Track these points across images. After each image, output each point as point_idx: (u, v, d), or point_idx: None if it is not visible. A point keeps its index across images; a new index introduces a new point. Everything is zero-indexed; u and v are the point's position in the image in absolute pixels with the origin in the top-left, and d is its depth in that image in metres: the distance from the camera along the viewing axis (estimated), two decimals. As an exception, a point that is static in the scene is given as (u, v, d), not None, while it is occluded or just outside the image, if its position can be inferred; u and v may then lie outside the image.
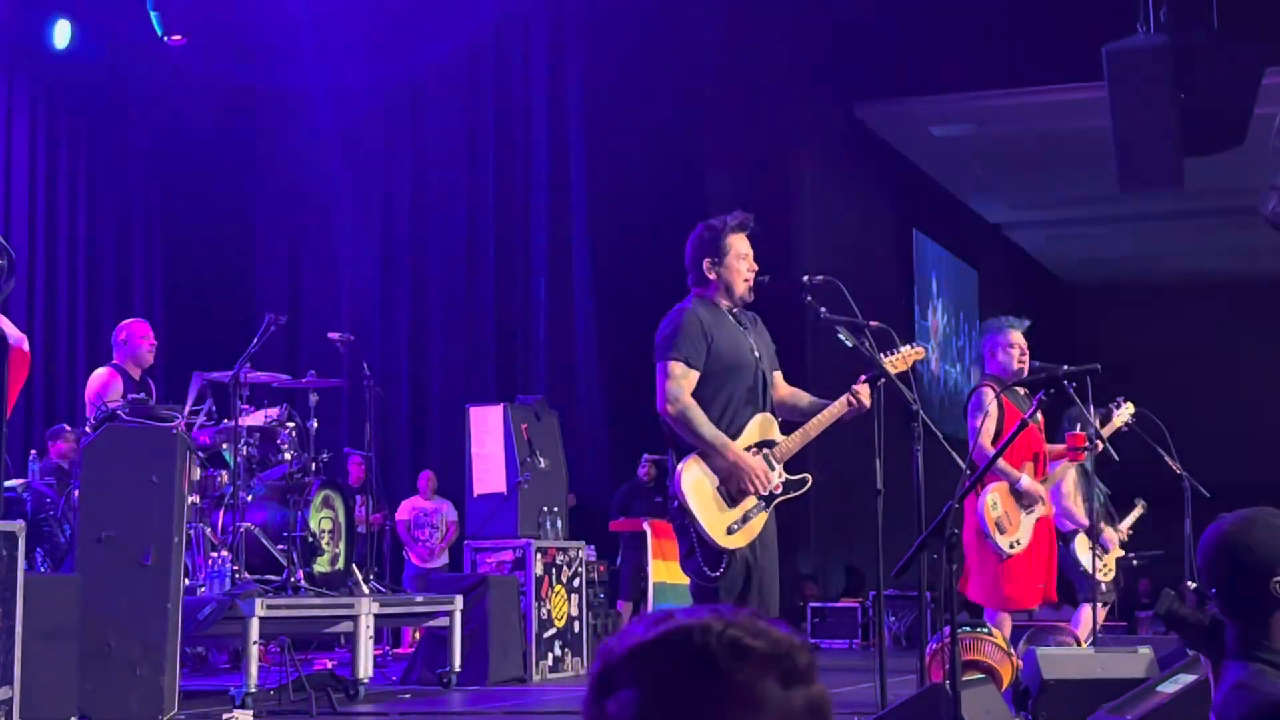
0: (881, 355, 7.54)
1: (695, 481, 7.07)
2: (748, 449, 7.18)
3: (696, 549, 7.09)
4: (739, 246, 7.44)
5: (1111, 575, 12.88)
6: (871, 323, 7.60)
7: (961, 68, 18.75)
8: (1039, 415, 9.59)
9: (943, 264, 26.09)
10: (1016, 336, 10.00)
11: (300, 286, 19.35)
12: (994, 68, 18.58)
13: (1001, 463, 9.45)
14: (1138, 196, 19.79)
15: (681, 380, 7.13)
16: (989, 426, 9.66)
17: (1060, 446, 10.06)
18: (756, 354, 7.40)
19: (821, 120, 20.23)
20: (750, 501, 7.14)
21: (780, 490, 7.26)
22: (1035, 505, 9.83)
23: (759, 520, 7.18)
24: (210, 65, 18.20)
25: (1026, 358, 9.94)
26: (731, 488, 7.10)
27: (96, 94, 17.64)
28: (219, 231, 18.94)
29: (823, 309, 7.62)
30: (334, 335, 13.05)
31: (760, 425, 7.30)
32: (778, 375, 7.57)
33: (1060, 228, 27.85)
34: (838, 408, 7.40)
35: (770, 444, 7.30)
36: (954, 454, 8.65)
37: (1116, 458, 9.83)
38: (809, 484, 7.48)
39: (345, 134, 19.30)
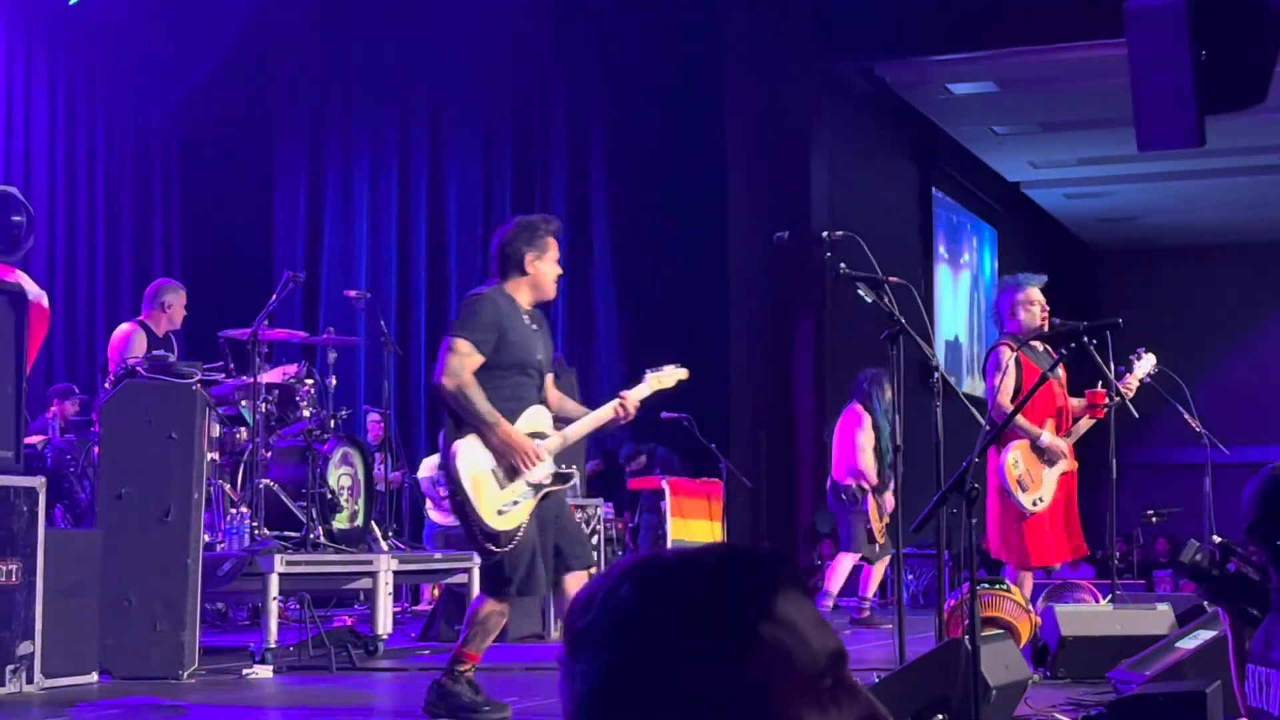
0: (648, 371, 7.90)
1: (472, 460, 7.31)
2: None
3: (467, 524, 7.37)
4: (555, 249, 7.67)
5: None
6: (891, 278, 7.61)
7: (982, 25, 18.66)
8: (1060, 371, 9.57)
9: (962, 222, 26.02)
10: (1035, 293, 9.97)
11: (319, 244, 19.34)
12: (1014, 25, 18.49)
13: (1021, 419, 9.45)
14: (1158, 155, 19.72)
15: (465, 358, 7.32)
16: (1007, 384, 9.65)
17: (1081, 402, 10.04)
18: (540, 355, 7.62)
19: (840, 78, 20.15)
20: (521, 487, 7.35)
21: (549, 482, 7.49)
22: (1057, 461, 9.82)
23: (526, 507, 7.40)
24: (230, 20, 18.17)
25: (1047, 313, 9.91)
26: (504, 466, 7.28)
27: (115, 48, 17.61)
28: (238, 188, 18.93)
29: (842, 265, 7.63)
30: (352, 293, 13.06)
31: (534, 417, 7.54)
32: (549, 379, 7.81)
33: (1080, 186, 27.74)
34: (606, 412, 7.71)
35: (542, 436, 7.52)
36: (973, 410, 8.65)
37: (1136, 414, 9.81)
38: (573, 479, 7.87)
39: (363, 90, 19.27)
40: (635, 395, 7.73)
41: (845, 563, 13.75)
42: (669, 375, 7.94)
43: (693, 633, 1.59)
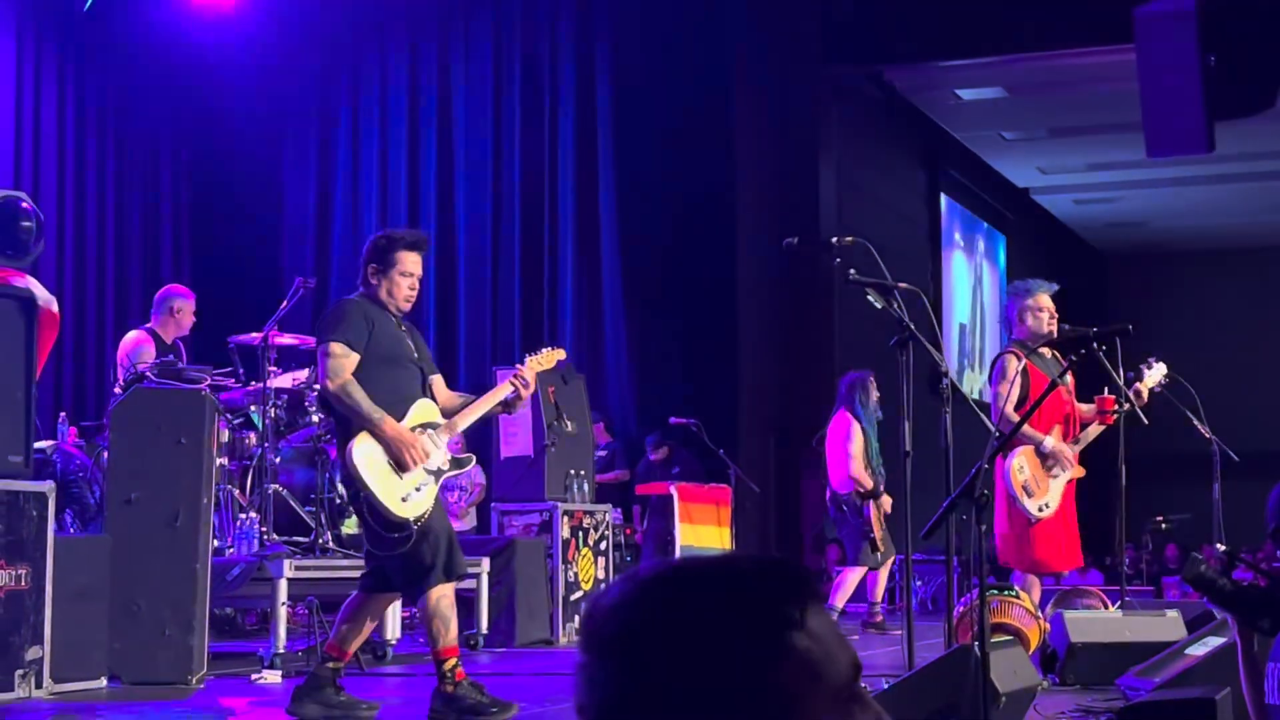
0: (528, 355, 8.10)
1: (367, 454, 7.47)
2: (413, 429, 7.59)
3: (369, 519, 7.49)
4: (407, 263, 7.78)
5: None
6: (900, 284, 7.60)
7: (990, 31, 18.66)
8: (1069, 377, 9.57)
9: (970, 228, 26.02)
10: (1044, 299, 9.96)
11: (328, 249, 19.34)
12: (1023, 31, 18.49)
13: (1025, 426, 9.44)
14: (1167, 160, 19.71)
15: (343, 360, 7.52)
16: (1013, 393, 9.63)
17: (1091, 408, 10.03)
18: (415, 355, 7.82)
19: (849, 84, 20.16)
20: (420, 475, 7.55)
21: (447, 466, 7.73)
22: (1063, 467, 9.80)
23: (430, 492, 7.62)
24: (240, 28, 18.20)
25: (1055, 320, 9.90)
26: (395, 460, 7.46)
27: (125, 55, 17.63)
28: (247, 193, 18.95)
29: (851, 270, 7.63)
30: (361, 298, 13.03)
31: (420, 410, 7.72)
32: (438, 379, 8.03)
33: (1089, 191, 27.74)
34: (501, 389, 7.89)
35: (433, 425, 7.71)
36: (982, 416, 8.64)
37: (1146, 421, 9.80)
38: (472, 462, 8.31)
39: (372, 97, 19.29)
40: (528, 368, 7.99)
41: (852, 577, 13.72)
42: (547, 356, 8.15)
43: (724, 641, 1.59)
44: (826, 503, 14.10)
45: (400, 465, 7.46)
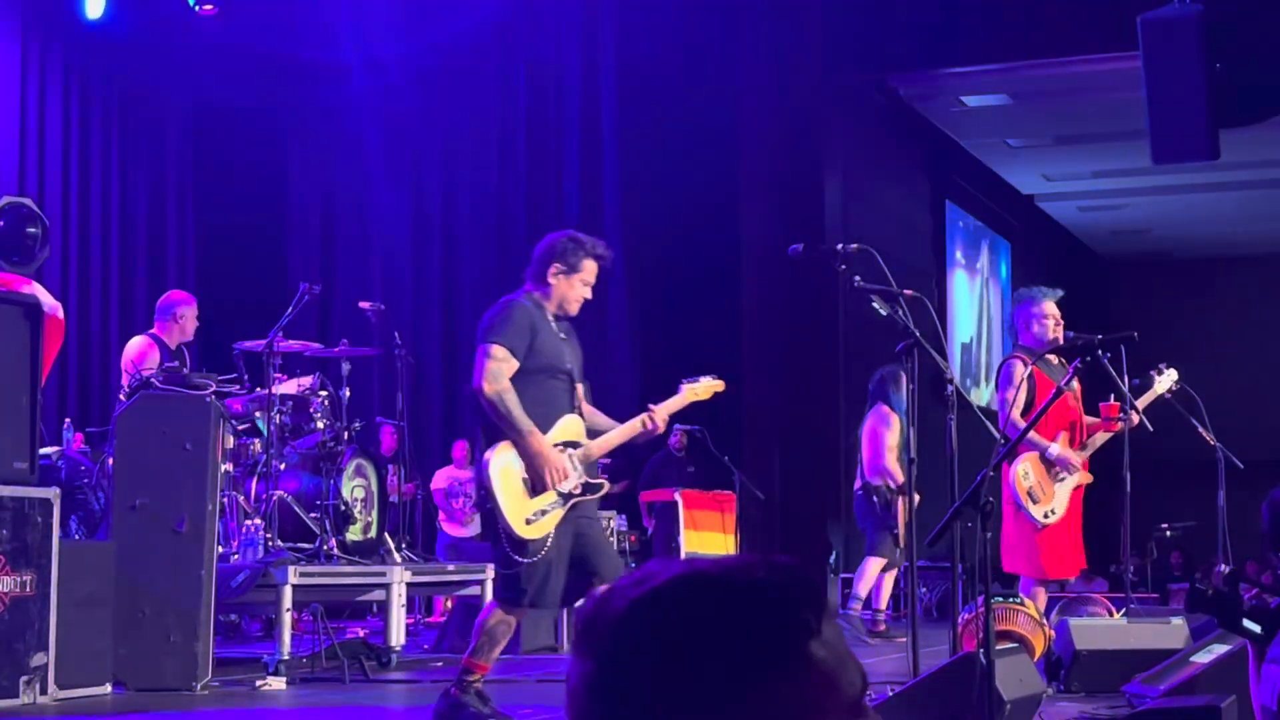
0: (683, 382, 8.02)
1: (504, 468, 7.34)
2: (555, 445, 7.45)
3: (503, 538, 7.36)
4: (589, 272, 7.74)
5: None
6: (906, 291, 7.61)
7: (995, 38, 18.66)
8: (1075, 384, 9.58)
9: (975, 235, 26.02)
10: (1050, 306, 9.98)
11: (332, 256, 19.36)
12: (1028, 38, 18.49)
13: (1031, 432, 9.44)
14: (1171, 168, 19.71)
15: (503, 364, 7.39)
16: (1019, 399, 9.64)
17: (1096, 421, 10.03)
18: (569, 363, 7.70)
19: (854, 90, 20.15)
20: (550, 496, 7.40)
21: (579, 491, 7.52)
22: (1069, 474, 9.81)
23: (554, 516, 7.43)
24: (243, 35, 18.21)
25: (1061, 327, 9.91)
26: (533, 476, 7.32)
27: (129, 63, 17.64)
28: (252, 200, 18.95)
29: (857, 277, 7.65)
30: (365, 304, 13.07)
31: (568, 426, 7.60)
32: (581, 389, 7.86)
33: (1094, 199, 27.73)
34: (634, 425, 7.75)
35: (575, 445, 7.57)
36: (987, 423, 8.65)
37: (1151, 428, 9.80)
38: (605, 490, 7.84)
39: (378, 103, 19.29)
40: (665, 408, 7.79)
41: (873, 567, 13.69)
42: (704, 387, 8.02)
43: (742, 650, 1.55)
44: (856, 494, 14.05)
45: (537, 483, 7.33)
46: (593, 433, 7.76)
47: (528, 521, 7.33)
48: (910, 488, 12.86)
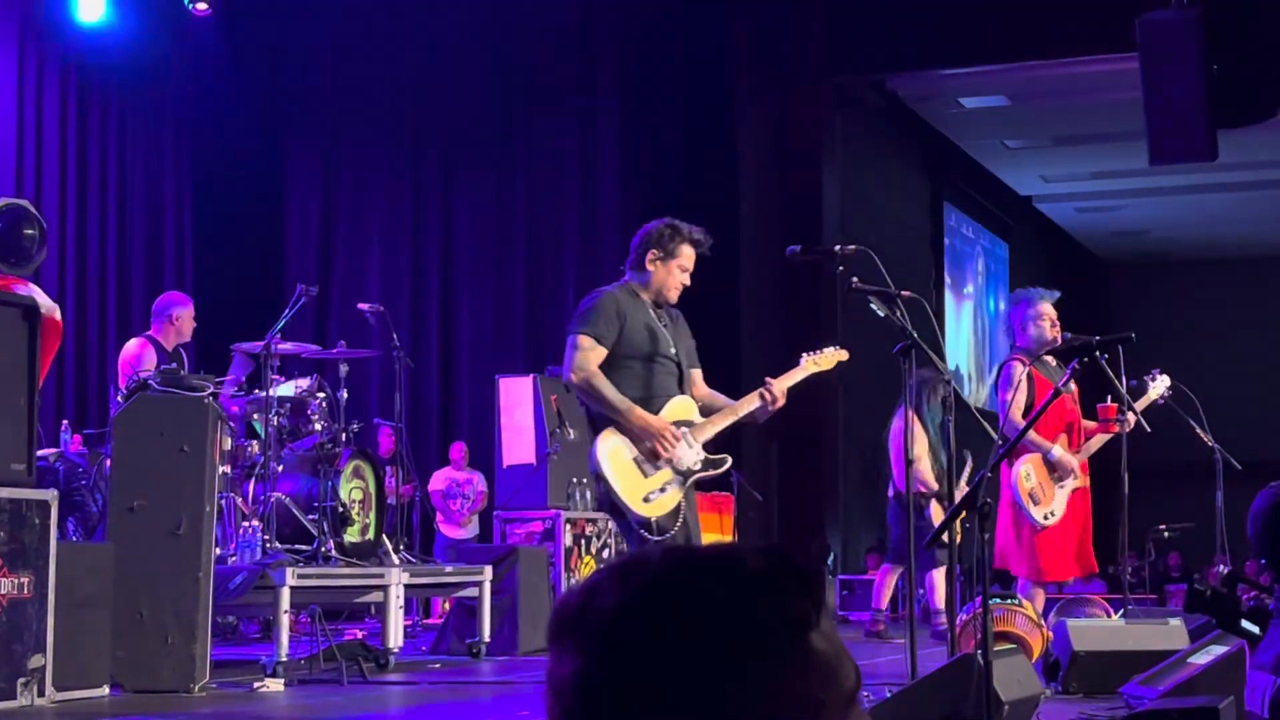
0: (804, 354, 7.91)
1: (613, 450, 7.32)
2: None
3: (631, 521, 7.31)
4: (686, 258, 7.70)
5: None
6: (904, 292, 7.61)
7: (993, 39, 18.67)
8: (1073, 385, 9.57)
9: (973, 236, 26.03)
10: (1047, 308, 9.97)
11: (330, 257, 19.35)
12: (1026, 39, 18.50)
13: (1032, 434, 9.44)
14: (1170, 169, 19.72)
15: (589, 352, 7.39)
16: (1019, 400, 9.64)
17: (1094, 424, 10.03)
18: (674, 349, 7.64)
19: (852, 92, 20.16)
20: (667, 474, 7.36)
21: (698, 467, 7.47)
22: (1069, 476, 9.80)
23: (675, 494, 7.40)
24: (241, 36, 18.21)
25: (1058, 328, 9.91)
26: (645, 451, 7.29)
27: (127, 65, 17.63)
28: (250, 202, 18.95)
29: (854, 279, 7.65)
30: (364, 306, 13.06)
31: (676, 406, 7.54)
32: (697, 374, 7.86)
33: (1092, 200, 27.75)
34: (750, 400, 7.68)
35: (689, 424, 7.52)
36: (985, 425, 8.64)
37: (1149, 429, 9.79)
38: (728, 464, 7.73)
39: (376, 105, 19.29)
40: (784, 381, 7.73)
41: (891, 576, 13.64)
42: (827, 358, 7.94)
43: (745, 644, 1.51)
44: (888, 500, 13.97)
45: (651, 456, 7.30)
46: (711, 412, 7.70)
47: (645, 500, 7.29)
48: (945, 493, 12.84)
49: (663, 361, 7.57)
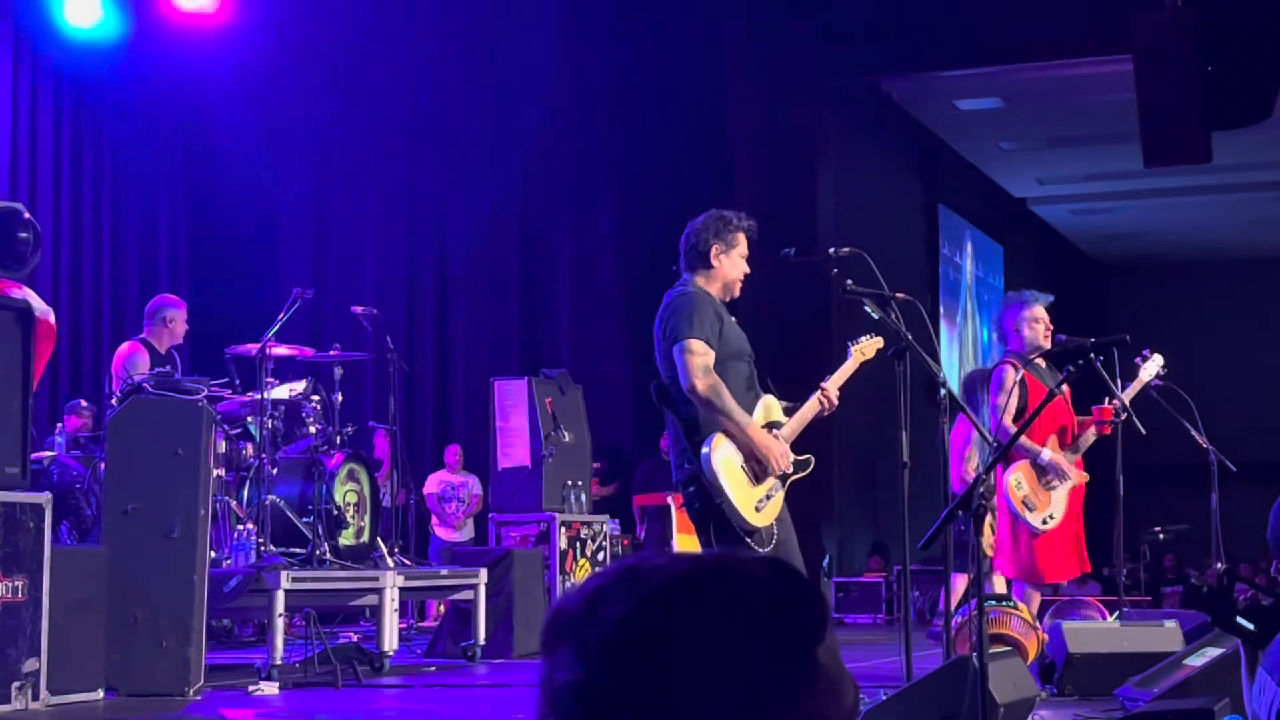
0: (850, 344, 7.75)
1: (724, 459, 7.14)
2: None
3: (738, 532, 7.12)
4: (743, 247, 7.55)
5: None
6: (898, 294, 7.60)
7: (988, 41, 18.66)
8: (1065, 387, 9.56)
9: (968, 238, 26.03)
10: (1039, 311, 9.95)
11: (325, 260, 19.33)
12: (1021, 41, 18.50)
13: (1023, 438, 9.42)
14: (1164, 171, 19.72)
15: (705, 357, 7.16)
16: (1011, 405, 9.62)
17: (1089, 422, 10.02)
18: (749, 347, 7.50)
19: (847, 93, 20.16)
20: (771, 480, 7.25)
21: (793, 470, 7.39)
22: (1062, 478, 9.78)
23: (779, 498, 7.32)
24: (234, 39, 18.20)
25: (1050, 332, 9.90)
26: (755, 466, 7.16)
27: (120, 70, 17.63)
28: (243, 204, 18.93)
29: (849, 281, 7.64)
30: (358, 309, 13.06)
31: (767, 407, 7.45)
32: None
33: (1086, 202, 27.75)
34: (811, 406, 7.58)
35: (777, 425, 7.43)
36: (979, 427, 8.63)
37: (1144, 431, 9.79)
38: (812, 464, 7.61)
39: (370, 107, 19.28)
40: (836, 380, 7.61)
41: (961, 581, 13.57)
42: (870, 345, 7.77)
43: (752, 657, 1.50)
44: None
45: (759, 470, 7.19)
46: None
47: (757, 509, 7.19)
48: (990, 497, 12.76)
49: (745, 358, 7.43)
